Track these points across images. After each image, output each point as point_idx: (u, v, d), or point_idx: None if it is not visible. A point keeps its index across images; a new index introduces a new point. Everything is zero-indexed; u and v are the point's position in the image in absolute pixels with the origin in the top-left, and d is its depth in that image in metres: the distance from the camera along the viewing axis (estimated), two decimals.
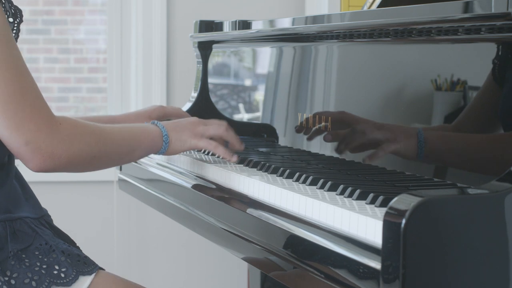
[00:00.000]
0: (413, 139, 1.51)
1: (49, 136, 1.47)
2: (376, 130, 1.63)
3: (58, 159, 1.49)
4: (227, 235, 1.63)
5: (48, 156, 1.48)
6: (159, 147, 1.71)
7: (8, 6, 1.50)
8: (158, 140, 1.70)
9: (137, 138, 1.67)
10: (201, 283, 3.47)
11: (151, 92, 3.38)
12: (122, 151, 1.64)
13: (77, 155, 1.52)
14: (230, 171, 1.74)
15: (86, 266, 1.54)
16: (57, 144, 1.48)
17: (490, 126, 1.38)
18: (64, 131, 1.50)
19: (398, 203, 1.13)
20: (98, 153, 1.56)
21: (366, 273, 1.19)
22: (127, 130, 1.67)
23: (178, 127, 1.74)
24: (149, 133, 1.69)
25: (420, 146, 1.49)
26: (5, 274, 1.48)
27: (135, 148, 1.66)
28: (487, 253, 1.15)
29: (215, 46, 2.35)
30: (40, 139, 1.47)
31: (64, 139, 1.49)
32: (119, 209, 3.41)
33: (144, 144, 1.68)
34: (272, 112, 2.10)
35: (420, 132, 1.49)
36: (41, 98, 1.49)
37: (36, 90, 1.48)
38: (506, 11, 1.28)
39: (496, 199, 1.16)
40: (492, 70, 1.37)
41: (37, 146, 1.46)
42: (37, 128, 1.46)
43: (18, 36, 1.53)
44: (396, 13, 1.59)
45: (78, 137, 1.52)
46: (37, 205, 1.61)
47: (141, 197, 2.20)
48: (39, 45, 3.48)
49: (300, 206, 1.45)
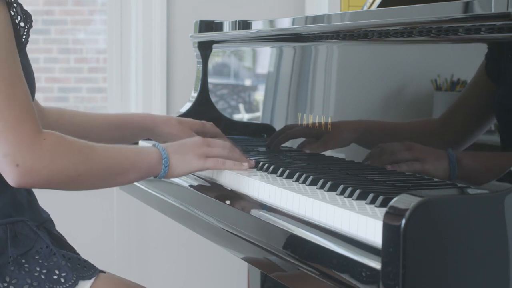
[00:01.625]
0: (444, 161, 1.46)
1: (29, 150, 1.43)
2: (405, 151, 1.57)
3: (37, 176, 1.45)
4: (227, 235, 1.63)
5: (25, 171, 1.43)
6: (158, 171, 1.65)
7: (20, 10, 1.48)
8: (156, 164, 1.64)
9: (131, 159, 1.60)
10: (201, 283, 3.46)
11: (151, 92, 3.38)
12: (114, 172, 1.58)
13: (59, 172, 1.47)
14: (230, 172, 1.74)
15: (86, 271, 1.53)
16: (36, 160, 1.44)
17: (492, 126, 1.38)
18: (46, 147, 1.45)
19: (398, 203, 1.13)
20: (84, 171, 1.51)
21: (366, 273, 1.19)
22: (122, 152, 1.60)
23: (180, 149, 1.68)
24: (146, 156, 1.63)
25: (452, 167, 1.45)
26: (4, 280, 1.47)
27: (129, 170, 1.60)
28: (487, 253, 1.15)
29: (215, 46, 2.35)
30: (19, 153, 1.42)
31: (44, 155, 1.45)
32: (119, 209, 3.41)
33: (138, 167, 1.61)
34: (272, 112, 2.10)
35: (450, 154, 1.46)
36: (29, 111, 1.44)
37: (24, 102, 1.44)
38: (506, 11, 1.28)
39: (496, 199, 1.16)
40: (493, 70, 1.37)
41: (15, 159, 1.42)
42: (16, 141, 1.42)
43: (27, 41, 1.51)
44: (396, 13, 1.59)
45: (61, 154, 1.47)
46: (37, 212, 1.60)
47: (141, 197, 2.20)
48: (39, 45, 3.48)
49: (300, 206, 1.45)
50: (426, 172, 1.49)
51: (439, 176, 1.45)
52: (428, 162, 1.50)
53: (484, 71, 1.38)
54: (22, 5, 1.48)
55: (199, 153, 1.69)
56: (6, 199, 1.53)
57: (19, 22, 1.48)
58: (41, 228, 1.56)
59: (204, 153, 1.70)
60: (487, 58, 1.38)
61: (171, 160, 1.65)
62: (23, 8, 1.49)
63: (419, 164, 1.52)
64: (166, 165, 1.65)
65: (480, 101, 1.40)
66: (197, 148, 1.70)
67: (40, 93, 3.42)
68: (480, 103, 1.40)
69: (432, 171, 1.48)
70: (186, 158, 1.67)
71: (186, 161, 1.67)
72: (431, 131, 1.50)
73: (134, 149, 1.65)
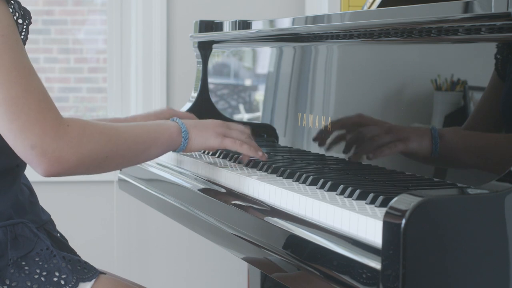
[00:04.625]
0: (427, 137, 1.49)
1: (56, 139, 1.43)
2: (387, 132, 1.60)
3: (67, 163, 1.45)
4: (227, 235, 1.63)
5: (55, 160, 1.43)
6: (178, 143, 1.66)
7: (17, 7, 1.48)
8: (177, 136, 1.65)
9: (152, 135, 1.62)
10: (201, 283, 3.46)
11: (151, 92, 3.38)
12: (137, 149, 1.59)
13: (87, 157, 1.47)
14: (230, 171, 1.74)
15: (86, 272, 1.53)
16: (64, 147, 1.44)
17: (493, 126, 1.38)
18: (72, 133, 1.45)
19: (398, 203, 1.13)
20: (111, 153, 1.52)
21: (366, 273, 1.19)
22: (142, 128, 1.61)
23: (199, 125, 1.71)
24: (166, 129, 1.64)
25: (434, 143, 1.48)
26: (4, 282, 1.47)
27: (151, 145, 1.61)
28: (487, 253, 1.15)
29: (215, 46, 2.35)
30: (46, 143, 1.42)
31: (71, 141, 1.45)
32: (119, 209, 3.41)
33: (160, 141, 1.63)
34: (272, 112, 2.10)
35: (434, 130, 1.48)
36: (48, 101, 1.44)
37: (42, 92, 1.44)
38: (506, 11, 1.28)
39: (496, 199, 1.16)
40: (493, 70, 1.37)
41: (43, 150, 1.42)
42: (42, 131, 1.42)
43: (27, 38, 1.51)
44: (396, 13, 1.59)
45: (87, 138, 1.47)
46: (38, 213, 1.60)
47: (141, 197, 2.20)
48: (39, 45, 3.48)
49: (300, 206, 1.45)
50: (409, 151, 1.52)
51: (422, 153, 1.47)
52: (411, 140, 1.52)
53: (490, 73, 1.38)
54: (20, 3, 1.48)
55: (218, 131, 1.72)
56: (8, 201, 1.52)
57: (17, 19, 1.48)
58: (41, 229, 1.56)
59: (223, 133, 1.72)
60: (487, 58, 1.38)
61: (190, 134, 1.68)
62: (21, 5, 1.49)
63: (402, 144, 1.54)
64: (186, 138, 1.67)
65: (486, 102, 1.41)
66: (216, 127, 1.73)
67: None
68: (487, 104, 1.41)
69: (416, 150, 1.50)
70: (204, 134, 1.70)
71: (204, 137, 1.70)
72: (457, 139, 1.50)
73: (155, 124, 1.66)
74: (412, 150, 1.55)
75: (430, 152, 1.49)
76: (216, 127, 1.72)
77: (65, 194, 3.39)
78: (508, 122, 1.33)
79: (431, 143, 1.48)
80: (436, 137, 1.48)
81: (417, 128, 1.55)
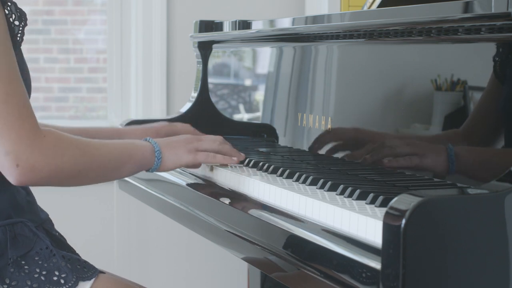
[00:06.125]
0: (443, 155, 1.47)
1: (30, 148, 1.43)
2: (405, 145, 1.58)
3: (40, 173, 1.44)
4: (227, 235, 1.63)
5: (28, 168, 1.43)
6: (151, 163, 1.66)
7: (14, 8, 1.48)
8: (150, 156, 1.66)
9: (126, 153, 1.62)
10: (201, 283, 3.46)
11: (151, 92, 3.38)
12: (110, 166, 1.59)
13: (60, 169, 1.47)
14: (230, 171, 1.74)
15: (85, 271, 1.53)
16: (38, 157, 1.44)
17: (493, 126, 1.38)
18: (47, 144, 1.45)
19: (398, 203, 1.13)
20: (84, 167, 1.52)
21: (366, 273, 1.19)
22: (116, 146, 1.62)
23: (171, 144, 1.71)
24: (139, 149, 1.65)
25: (450, 161, 1.45)
26: (4, 282, 1.47)
27: (124, 164, 1.61)
28: (487, 253, 1.15)
29: (215, 46, 2.35)
30: (21, 151, 1.42)
31: (46, 152, 1.45)
32: (119, 209, 3.41)
33: (133, 160, 1.63)
34: (272, 112, 2.10)
35: (450, 148, 1.46)
36: (28, 109, 1.44)
37: (23, 99, 1.44)
38: (506, 11, 1.28)
39: (496, 199, 1.16)
40: (493, 71, 1.37)
41: (17, 157, 1.42)
42: (18, 138, 1.42)
43: (22, 39, 1.51)
44: (396, 13, 1.59)
45: (61, 151, 1.47)
46: (36, 212, 1.60)
47: (141, 197, 2.20)
48: (39, 45, 3.48)
49: (300, 206, 1.45)
50: (424, 167, 1.50)
51: (437, 171, 1.46)
52: (427, 157, 1.51)
53: (490, 74, 1.38)
54: (16, 4, 1.48)
55: (189, 148, 1.72)
56: (5, 200, 1.52)
57: (13, 21, 1.47)
58: (40, 228, 1.56)
59: (195, 148, 1.73)
60: (487, 58, 1.38)
61: (163, 153, 1.68)
62: (17, 6, 1.48)
63: (418, 158, 1.52)
64: (159, 158, 1.67)
65: (487, 103, 1.40)
66: (187, 143, 1.73)
67: (40, 93, 3.43)
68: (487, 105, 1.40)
69: (431, 167, 1.48)
70: (177, 152, 1.70)
71: (177, 155, 1.70)
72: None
73: (128, 143, 1.67)
74: (427, 165, 1.52)
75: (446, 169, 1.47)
76: (187, 144, 1.73)
77: (65, 194, 3.39)
78: (508, 122, 1.33)
79: (447, 162, 1.46)
80: (452, 156, 1.45)
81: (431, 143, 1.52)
